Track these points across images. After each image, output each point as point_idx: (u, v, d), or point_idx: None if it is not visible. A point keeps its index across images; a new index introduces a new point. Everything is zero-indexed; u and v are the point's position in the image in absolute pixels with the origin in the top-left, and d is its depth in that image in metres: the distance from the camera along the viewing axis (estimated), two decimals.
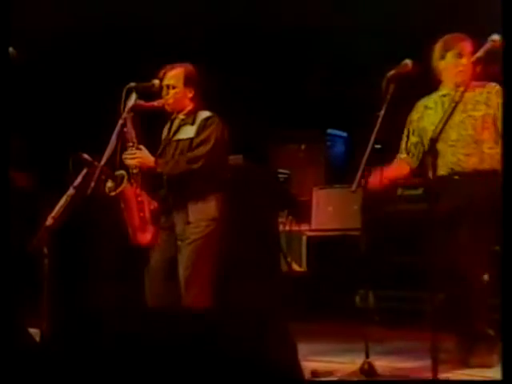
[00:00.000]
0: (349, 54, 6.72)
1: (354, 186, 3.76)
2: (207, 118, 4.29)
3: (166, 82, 4.33)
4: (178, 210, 4.26)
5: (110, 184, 4.19)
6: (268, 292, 5.71)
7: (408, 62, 3.92)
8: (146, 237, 4.26)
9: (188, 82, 4.34)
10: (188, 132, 4.31)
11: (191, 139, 4.27)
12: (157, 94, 4.37)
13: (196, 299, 4.14)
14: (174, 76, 4.35)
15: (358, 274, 4.68)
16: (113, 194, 4.20)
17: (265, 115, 7.26)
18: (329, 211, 6.58)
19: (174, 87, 4.33)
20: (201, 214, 4.21)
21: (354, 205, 5.94)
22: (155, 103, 4.32)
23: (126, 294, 5.11)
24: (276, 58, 7.12)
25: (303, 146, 7.44)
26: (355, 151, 6.53)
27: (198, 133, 4.27)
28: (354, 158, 6.60)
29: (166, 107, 4.36)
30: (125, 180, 4.20)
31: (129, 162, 4.24)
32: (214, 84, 4.44)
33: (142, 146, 4.28)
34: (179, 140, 4.34)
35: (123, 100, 4.21)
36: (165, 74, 4.35)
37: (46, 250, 3.68)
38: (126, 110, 4.21)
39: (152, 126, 4.46)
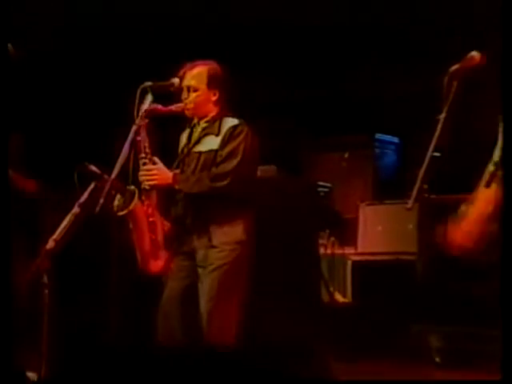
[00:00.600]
0: (401, 45, 6.68)
1: (410, 203, 3.65)
2: (234, 127, 4.22)
3: (186, 83, 4.26)
4: (198, 233, 4.19)
5: (117, 202, 4.14)
6: (306, 326, 5.65)
7: (475, 54, 3.82)
8: (157, 263, 4.21)
9: (212, 83, 4.26)
10: (211, 143, 4.25)
11: (215, 152, 4.21)
12: (176, 94, 4.31)
13: (221, 335, 4.08)
14: (195, 76, 4.27)
15: (413, 306, 4.61)
16: (121, 213, 4.15)
17: (302, 119, 7.24)
18: (378, 231, 6.56)
19: (195, 89, 4.25)
20: (225, 237, 4.14)
21: (409, 224, 5.91)
22: (173, 107, 4.26)
23: (136, 330, 5.09)
24: (314, 55, 7.11)
25: (347, 155, 7.42)
26: (410, 160, 6.48)
27: (223, 145, 4.20)
28: (408, 168, 6.54)
29: (186, 112, 4.29)
30: (135, 198, 4.14)
31: (146, 182, 4.19)
32: (241, 85, 4.38)
33: (156, 159, 4.22)
34: (201, 152, 4.27)
35: (137, 102, 4.16)
36: (185, 73, 4.27)
37: (45, 279, 3.64)
38: (141, 114, 4.16)
39: (166, 129, 4.41)
